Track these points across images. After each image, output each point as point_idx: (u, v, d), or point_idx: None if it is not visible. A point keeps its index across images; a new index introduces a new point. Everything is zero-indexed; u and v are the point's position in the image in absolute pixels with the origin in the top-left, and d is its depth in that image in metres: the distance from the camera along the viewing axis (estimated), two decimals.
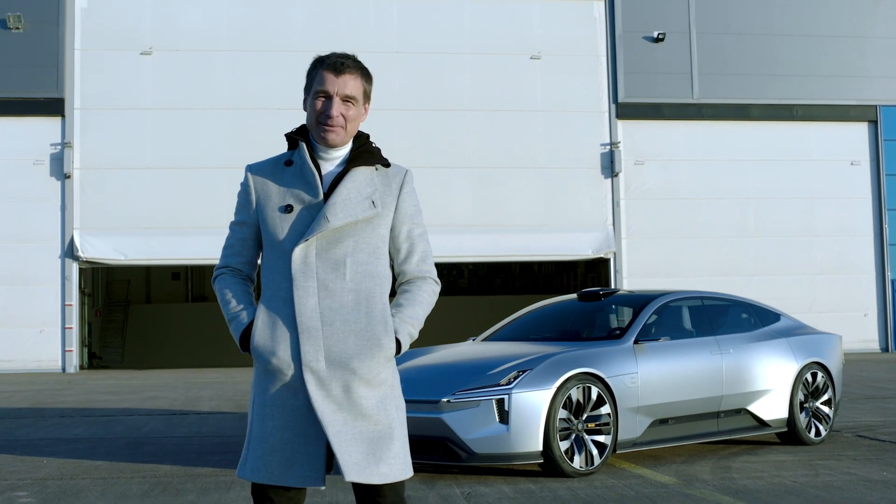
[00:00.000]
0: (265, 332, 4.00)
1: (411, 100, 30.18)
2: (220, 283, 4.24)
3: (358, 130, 4.20)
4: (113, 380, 25.03)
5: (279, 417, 3.99)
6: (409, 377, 9.83)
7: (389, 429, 4.00)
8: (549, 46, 31.05)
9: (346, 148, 4.16)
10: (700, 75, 31.49)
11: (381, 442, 3.96)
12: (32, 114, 28.95)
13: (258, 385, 4.08)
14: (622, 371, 9.80)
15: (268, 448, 3.98)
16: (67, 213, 28.78)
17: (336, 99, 4.08)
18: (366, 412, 3.96)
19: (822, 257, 32.05)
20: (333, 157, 4.13)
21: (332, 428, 3.89)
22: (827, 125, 32.21)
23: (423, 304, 4.23)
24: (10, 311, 28.59)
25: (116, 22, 29.48)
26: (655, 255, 31.12)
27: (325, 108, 4.07)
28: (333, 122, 4.06)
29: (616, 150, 30.77)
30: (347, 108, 4.09)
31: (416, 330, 4.19)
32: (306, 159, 4.08)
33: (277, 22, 29.80)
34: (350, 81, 4.11)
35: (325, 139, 4.08)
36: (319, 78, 4.11)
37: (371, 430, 3.96)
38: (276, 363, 3.98)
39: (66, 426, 14.17)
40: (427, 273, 4.27)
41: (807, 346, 11.78)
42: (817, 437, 11.43)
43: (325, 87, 4.08)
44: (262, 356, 4.01)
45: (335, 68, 4.11)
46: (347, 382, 3.95)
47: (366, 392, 3.98)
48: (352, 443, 3.90)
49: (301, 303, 3.96)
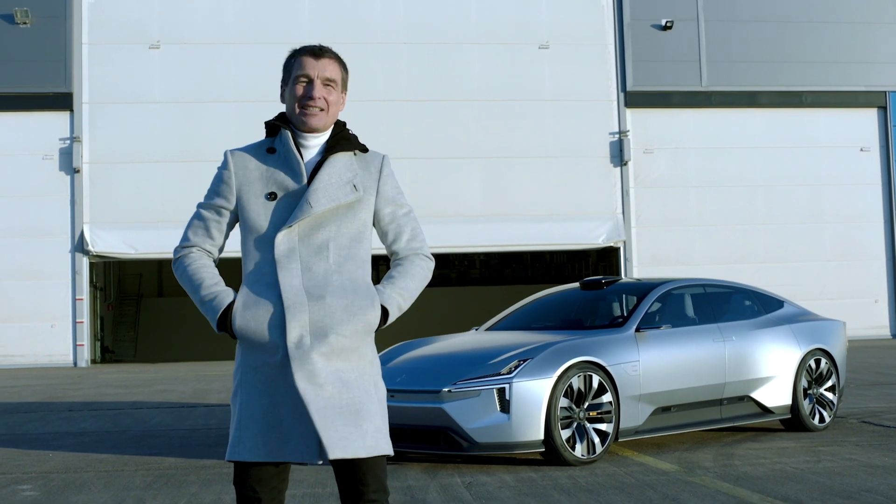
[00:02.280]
0: (248, 312, 4.00)
1: (419, 90, 30.20)
2: (188, 261, 4.21)
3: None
4: (123, 373, 25.13)
5: (270, 396, 3.99)
6: (410, 367, 9.88)
7: (370, 403, 4.00)
8: (557, 35, 31.01)
9: (325, 135, 4.17)
10: (708, 63, 31.41)
11: (364, 415, 3.95)
12: (41, 109, 29.03)
13: (245, 364, 4.07)
14: (624, 359, 9.80)
15: (264, 426, 3.97)
16: (77, 207, 28.87)
17: (317, 81, 4.10)
18: (348, 385, 3.96)
19: (832, 244, 31.96)
20: (313, 144, 4.15)
21: (314, 405, 3.87)
22: (836, 111, 32.10)
23: (416, 277, 4.23)
24: (22, 305, 28.71)
25: (124, 16, 29.53)
26: (665, 244, 31.09)
27: (308, 91, 4.09)
28: (315, 103, 4.08)
29: (625, 139, 30.73)
30: (328, 92, 4.12)
31: (406, 302, 4.19)
32: (290, 146, 4.09)
33: (284, 14, 29.82)
34: (329, 65, 4.14)
35: (306, 123, 4.10)
36: (299, 63, 4.14)
37: (355, 405, 3.95)
38: (262, 342, 3.98)
39: (74, 420, 14.24)
40: (418, 250, 4.27)
41: (810, 332, 11.76)
42: (821, 423, 11.42)
43: (306, 71, 4.11)
44: (247, 335, 4.00)
45: (314, 53, 4.15)
46: (331, 355, 3.95)
47: (345, 366, 3.98)
48: (335, 418, 3.89)
49: (286, 283, 3.97)
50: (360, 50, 29.54)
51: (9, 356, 28.41)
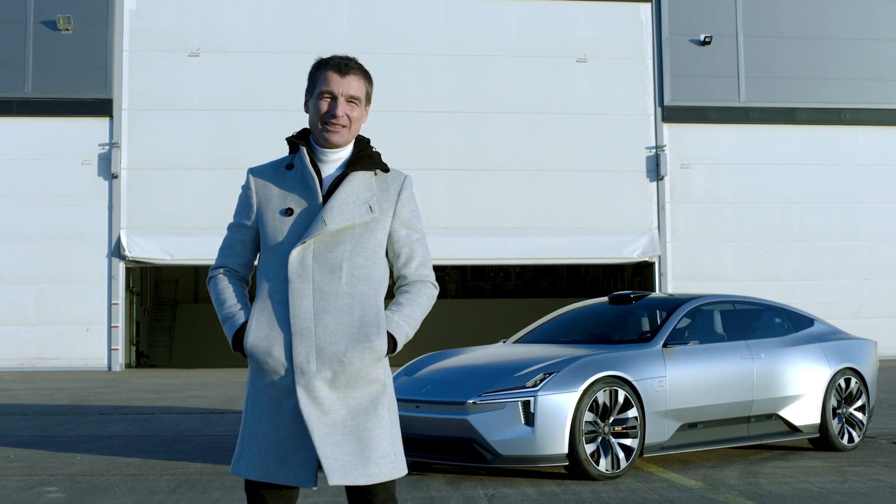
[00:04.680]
0: (259, 332, 4.04)
1: (456, 102, 30.23)
2: (215, 283, 4.29)
3: (359, 134, 4.23)
4: (157, 378, 25.27)
5: (273, 417, 4.03)
6: (436, 378, 9.89)
7: (379, 429, 4.02)
8: (595, 49, 30.97)
9: (346, 150, 4.20)
10: (747, 78, 31.27)
11: (371, 442, 3.98)
12: (81, 114, 29.26)
13: (253, 384, 4.12)
14: (650, 374, 9.77)
15: (263, 447, 4.02)
16: (114, 212, 29.07)
17: (341, 99, 4.13)
18: (356, 412, 3.98)
19: (869, 262, 31.67)
20: (333, 159, 4.18)
21: (317, 431, 3.91)
22: (875, 129, 31.82)
23: (422, 305, 4.25)
24: (58, 309, 28.93)
25: (164, 24, 29.75)
26: (700, 259, 30.95)
27: (331, 109, 4.13)
28: (338, 121, 4.11)
29: (661, 154, 30.64)
30: (352, 109, 4.15)
31: (412, 330, 4.21)
32: (306, 163, 4.13)
33: (323, 24, 29.93)
34: (354, 82, 4.16)
35: (328, 140, 4.13)
36: (324, 79, 4.17)
37: (361, 431, 3.97)
38: (270, 363, 4.02)
39: (104, 423, 14.33)
40: (426, 277, 4.30)
41: (840, 351, 11.68)
42: (850, 443, 11.34)
43: (330, 88, 4.14)
44: (255, 356, 4.05)
45: (339, 69, 4.16)
46: (338, 383, 3.98)
47: (356, 393, 4.01)
48: (338, 445, 3.92)
49: (296, 304, 4.00)
50: (398, 61, 29.65)
51: (44, 359, 28.62)
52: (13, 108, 29.15)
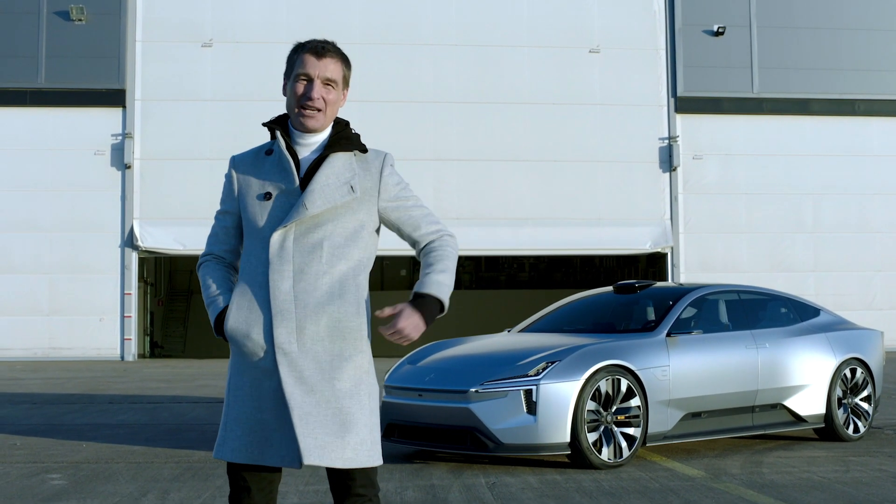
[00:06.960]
0: (239, 315, 4.05)
1: (469, 92, 30.20)
2: (202, 270, 4.32)
3: (337, 117, 4.23)
4: (168, 368, 25.35)
5: (255, 400, 4.03)
6: (439, 367, 9.91)
7: (361, 415, 4.02)
8: (608, 40, 30.90)
9: (324, 134, 4.19)
10: (760, 69, 31.16)
11: (352, 427, 3.98)
12: (94, 104, 29.34)
13: (234, 367, 4.12)
14: (653, 364, 9.76)
15: (247, 429, 4.03)
16: (127, 202, 29.15)
17: (317, 81, 4.13)
18: (337, 395, 3.98)
19: (882, 254, 31.53)
20: (311, 142, 4.17)
21: (298, 410, 3.91)
22: (890, 120, 31.68)
23: (449, 256, 4.24)
24: (72, 298, 29.03)
25: (177, 14, 29.79)
26: (713, 250, 30.88)
27: (307, 91, 4.12)
28: (314, 104, 4.10)
29: (674, 145, 30.56)
30: (328, 92, 4.14)
31: (451, 280, 4.19)
32: (282, 149, 4.13)
33: (336, 14, 29.90)
34: (331, 65, 4.16)
35: (303, 124, 4.13)
36: (300, 61, 4.18)
37: (341, 414, 3.97)
38: (249, 346, 4.03)
39: (112, 412, 14.40)
40: (438, 231, 4.28)
41: (846, 341, 11.65)
42: (855, 433, 11.31)
43: (307, 70, 4.15)
44: (235, 339, 4.06)
45: (316, 52, 4.17)
46: (320, 365, 3.98)
47: (338, 375, 4.01)
48: (317, 425, 3.92)
49: (276, 286, 4.01)
50: (411, 50, 29.65)
51: (57, 349, 28.74)
52: (27, 99, 29.25)
